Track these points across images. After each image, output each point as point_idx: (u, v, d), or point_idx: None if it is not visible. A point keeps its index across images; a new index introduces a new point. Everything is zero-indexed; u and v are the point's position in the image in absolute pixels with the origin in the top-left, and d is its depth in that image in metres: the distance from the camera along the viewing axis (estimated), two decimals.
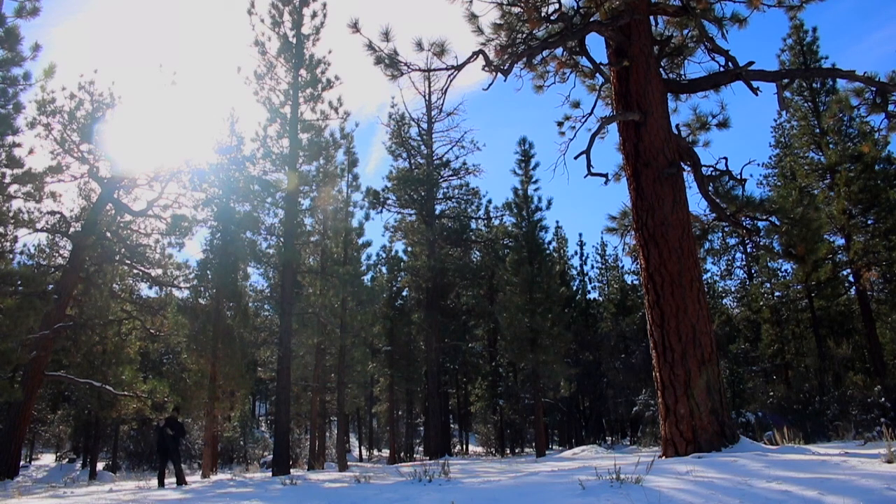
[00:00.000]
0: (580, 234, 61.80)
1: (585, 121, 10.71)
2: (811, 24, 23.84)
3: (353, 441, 46.10)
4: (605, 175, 10.11)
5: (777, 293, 26.54)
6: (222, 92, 57.74)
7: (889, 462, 5.33)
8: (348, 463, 24.13)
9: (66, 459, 31.61)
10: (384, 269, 33.05)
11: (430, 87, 29.44)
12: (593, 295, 39.14)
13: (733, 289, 31.40)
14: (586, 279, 38.49)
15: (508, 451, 33.16)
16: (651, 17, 9.70)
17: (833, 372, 22.61)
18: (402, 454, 34.33)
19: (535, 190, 25.05)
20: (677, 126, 9.93)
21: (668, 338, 7.98)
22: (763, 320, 27.09)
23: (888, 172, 21.33)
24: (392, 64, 9.14)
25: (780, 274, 26.82)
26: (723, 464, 5.77)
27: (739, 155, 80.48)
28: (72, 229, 19.96)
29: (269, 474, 15.57)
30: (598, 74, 10.59)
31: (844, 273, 23.06)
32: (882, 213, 20.61)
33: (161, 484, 12.24)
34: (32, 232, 18.90)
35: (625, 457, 12.89)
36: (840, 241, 21.78)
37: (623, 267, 38.64)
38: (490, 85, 9.32)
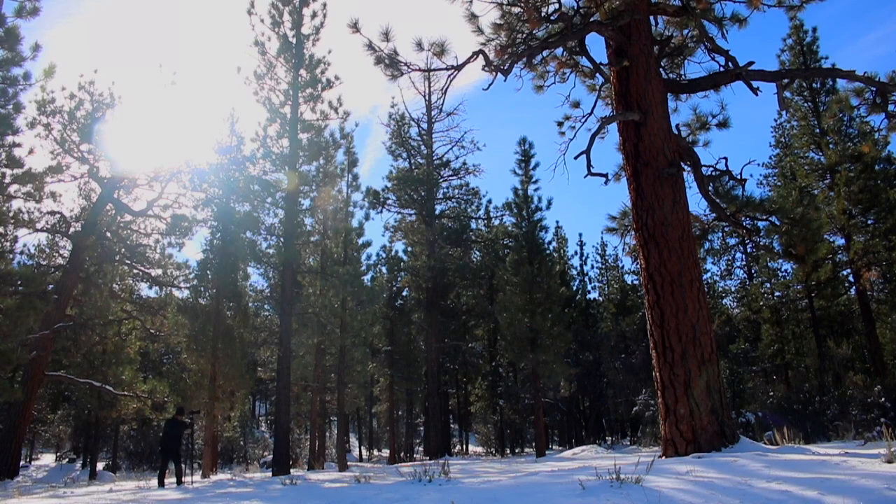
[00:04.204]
0: (580, 234, 61.83)
1: (585, 121, 10.72)
2: (810, 24, 23.80)
3: (353, 441, 46.11)
4: (605, 175, 10.12)
5: (777, 293, 26.53)
6: (222, 92, 57.81)
7: (889, 462, 5.33)
8: (348, 463, 24.13)
9: (66, 459, 31.61)
10: (384, 269, 33.09)
11: (430, 87, 29.49)
12: (593, 295, 39.17)
13: (733, 289, 31.41)
14: (586, 279, 38.50)
15: (508, 451, 33.17)
16: (651, 17, 9.71)
17: (833, 372, 22.60)
18: (402, 454, 34.33)
19: (535, 190, 25.06)
20: (677, 126, 9.94)
21: (668, 338, 7.98)
22: (763, 320, 27.09)
23: (888, 172, 21.32)
24: (392, 64, 9.14)
25: (780, 274, 26.83)
26: (723, 464, 5.77)
27: (739, 155, 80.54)
28: (72, 229, 19.95)
29: (269, 474, 15.57)
30: (598, 74, 10.59)
31: (844, 273, 23.06)
32: (882, 213, 20.60)
33: (161, 484, 12.24)
34: (32, 232, 18.90)
35: (625, 457, 12.89)
36: (840, 241, 21.77)
37: (623, 267, 38.67)
38: (490, 85, 9.33)
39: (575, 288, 36.91)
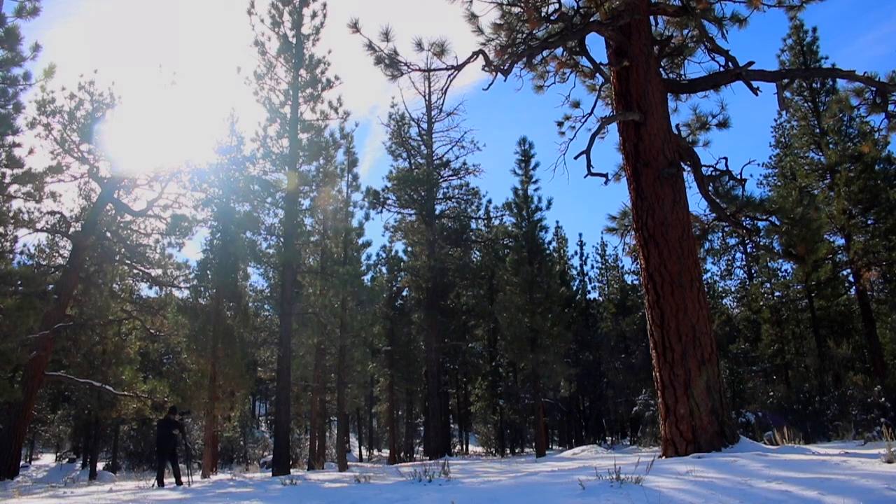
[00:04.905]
0: (580, 234, 61.88)
1: (585, 121, 10.72)
2: (810, 24, 23.80)
3: (353, 441, 46.12)
4: (605, 175, 10.11)
5: (777, 293, 26.53)
6: (222, 92, 57.81)
7: (889, 462, 5.33)
8: (348, 463, 24.14)
9: (66, 459, 31.62)
10: (384, 269, 33.09)
11: (430, 87, 29.49)
12: (593, 295, 39.18)
13: (733, 289, 31.41)
14: (586, 279, 38.51)
15: (508, 451, 33.17)
16: (651, 17, 9.71)
17: (833, 372, 22.60)
18: (402, 454, 34.33)
19: (535, 190, 25.08)
20: (677, 126, 9.94)
21: (668, 338, 7.97)
22: (763, 320, 27.08)
23: (888, 172, 21.32)
24: (392, 64, 9.14)
25: (780, 274, 26.83)
26: (723, 464, 5.77)
27: (739, 155, 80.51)
28: (72, 229, 19.95)
29: (269, 474, 15.57)
30: (598, 74, 10.58)
31: (844, 273, 23.06)
32: (882, 213, 20.60)
33: (160, 483, 12.25)
34: (32, 232, 18.89)
35: (625, 457, 12.89)
36: (840, 241, 21.77)
37: (623, 267, 38.68)
38: (490, 85, 9.33)
39: (575, 288, 36.91)
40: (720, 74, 9.54)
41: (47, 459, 35.84)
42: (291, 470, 16.55)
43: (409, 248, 32.04)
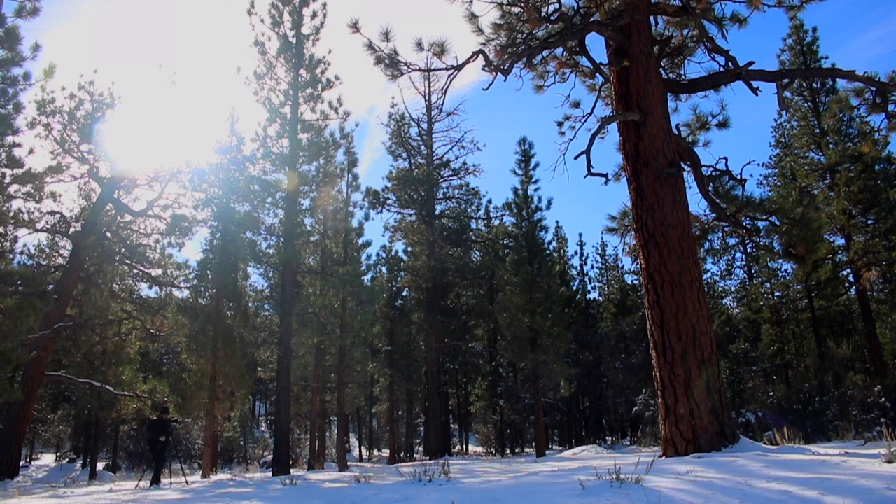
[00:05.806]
0: (580, 234, 61.86)
1: (585, 121, 10.72)
2: (810, 24, 23.80)
3: (353, 441, 46.13)
4: (605, 175, 10.11)
5: (777, 293, 26.53)
6: (222, 92, 57.73)
7: (889, 462, 5.33)
8: (348, 463, 24.13)
9: (66, 459, 31.61)
10: (384, 269, 33.11)
11: (429, 87, 29.49)
12: (593, 295, 39.18)
13: (733, 289, 31.41)
14: (586, 279, 38.51)
15: (508, 451, 33.17)
16: (651, 17, 9.70)
17: (833, 372, 22.59)
18: (402, 454, 34.34)
19: (535, 190, 25.05)
20: (677, 126, 9.93)
21: (668, 338, 7.97)
22: (763, 320, 27.08)
23: (888, 172, 21.32)
24: (392, 64, 9.13)
25: (780, 274, 26.82)
26: (723, 464, 5.77)
27: (739, 155, 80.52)
28: (72, 229, 19.95)
29: (269, 474, 15.57)
30: (598, 74, 10.58)
31: (844, 273, 23.06)
32: (882, 213, 20.59)
33: (158, 483, 12.26)
34: (32, 232, 18.88)
35: (625, 457, 12.89)
36: (840, 241, 21.77)
37: (623, 267, 38.69)
38: (490, 85, 9.33)
39: (575, 288, 36.92)
40: (720, 74, 9.54)
41: (47, 459, 35.82)
42: (291, 470, 16.55)
43: (409, 248, 32.04)
